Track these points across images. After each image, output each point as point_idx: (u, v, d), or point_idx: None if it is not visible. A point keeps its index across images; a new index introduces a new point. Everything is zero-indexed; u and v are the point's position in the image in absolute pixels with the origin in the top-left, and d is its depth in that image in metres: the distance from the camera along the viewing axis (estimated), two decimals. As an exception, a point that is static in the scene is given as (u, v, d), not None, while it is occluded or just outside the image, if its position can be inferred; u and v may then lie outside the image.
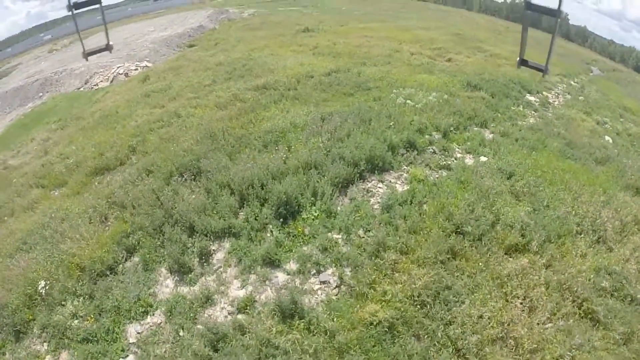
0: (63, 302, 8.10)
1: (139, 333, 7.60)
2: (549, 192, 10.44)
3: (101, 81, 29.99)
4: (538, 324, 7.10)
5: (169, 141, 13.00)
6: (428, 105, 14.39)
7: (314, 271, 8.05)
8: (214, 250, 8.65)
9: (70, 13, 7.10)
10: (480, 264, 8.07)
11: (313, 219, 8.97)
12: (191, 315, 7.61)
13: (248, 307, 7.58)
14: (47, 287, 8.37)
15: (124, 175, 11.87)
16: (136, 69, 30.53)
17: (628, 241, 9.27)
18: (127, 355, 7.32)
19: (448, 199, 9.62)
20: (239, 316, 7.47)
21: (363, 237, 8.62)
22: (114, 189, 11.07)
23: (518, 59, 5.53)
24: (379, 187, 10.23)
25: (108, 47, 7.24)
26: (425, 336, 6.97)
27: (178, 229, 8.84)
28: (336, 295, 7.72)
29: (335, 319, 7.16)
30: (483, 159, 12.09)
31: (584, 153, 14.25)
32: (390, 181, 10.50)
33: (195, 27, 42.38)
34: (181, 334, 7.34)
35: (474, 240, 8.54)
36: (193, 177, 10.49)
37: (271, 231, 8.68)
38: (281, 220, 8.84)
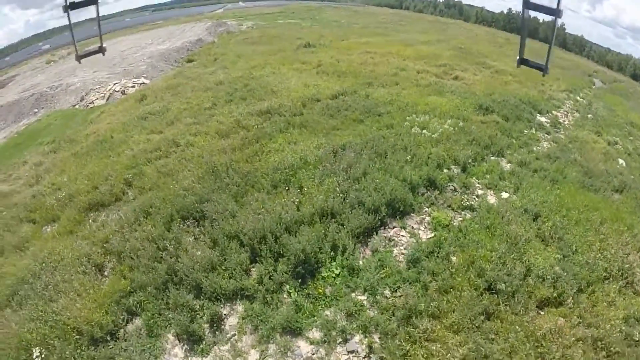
0: (62, 374, 7.09)
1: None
2: (576, 233, 9.96)
3: (97, 99, 28.86)
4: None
5: (167, 176, 12.00)
6: (444, 135, 13.65)
7: (340, 339, 7.16)
8: (225, 314, 7.66)
9: (65, 13, 6.72)
10: (515, 325, 7.38)
11: (334, 277, 8.05)
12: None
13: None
14: (42, 356, 7.32)
15: (119, 215, 10.88)
16: (133, 86, 29.51)
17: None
18: None
19: (477, 250, 8.89)
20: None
21: (390, 298, 7.72)
22: (109, 234, 10.06)
23: (518, 57, 5.26)
24: (402, 235, 9.40)
25: (101, 50, 6.97)
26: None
27: (183, 290, 7.81)
28: (366, 366, 6.83)
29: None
30: (505, 195, 11.54)
31: (602, 182, 13.81)
32: (412, 227, 9.71)
33: (194, 41, 41.47)
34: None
35: (507, 298, 7.87)
36: (196, 222, 9.49)
37: (288, 292, 7.73)
38: (299, 280, 7.88)
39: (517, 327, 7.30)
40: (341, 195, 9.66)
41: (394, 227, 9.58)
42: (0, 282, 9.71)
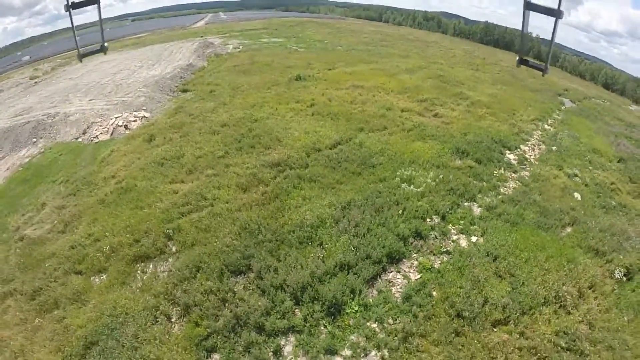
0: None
1: None
2: (525, 270, 13.88)
3: (101, 133, 29.97)
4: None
5: (205, 231, 15.23)
6: (427, 188, 17.85)
7: (363, 355, 11.15)
8: (282, 345, 11.44)
9: (67, 13, 7.09)
10: (475, 340, 11.48)
11: (354, 312, 12.11)
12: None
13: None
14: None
15: (169, 267, 14.06)
16: (135, 120, 31.85)
17: (584, 303, 12.88)
18: None
19: (450, 287, 13.07)
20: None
21: (392, 325, 11.86)
22: (168, 286, 12.98)
23: (518, 58, 5.87)
24: (398, 278, 13.52)
25: (103, 49, 7.35)
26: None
27: (251, 332, 11.45)
28: (382, 370, 11.03)
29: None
30: (474, 238, 15.63)
31: (555, 220, 17.40)
32: (405, 270, 13.84)
33: (185, 66, 44.63)
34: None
35: (470, 321, 11.93)
36: (243, 274, 13.23)
37: (325, 326, 11.72)
38: (332, 317, 11.90)
39: (476, 341, 11.30)
40: (354, 250, 13.74)
41: (391, 271, 13.74)
42: (68, 335, 12.00)
